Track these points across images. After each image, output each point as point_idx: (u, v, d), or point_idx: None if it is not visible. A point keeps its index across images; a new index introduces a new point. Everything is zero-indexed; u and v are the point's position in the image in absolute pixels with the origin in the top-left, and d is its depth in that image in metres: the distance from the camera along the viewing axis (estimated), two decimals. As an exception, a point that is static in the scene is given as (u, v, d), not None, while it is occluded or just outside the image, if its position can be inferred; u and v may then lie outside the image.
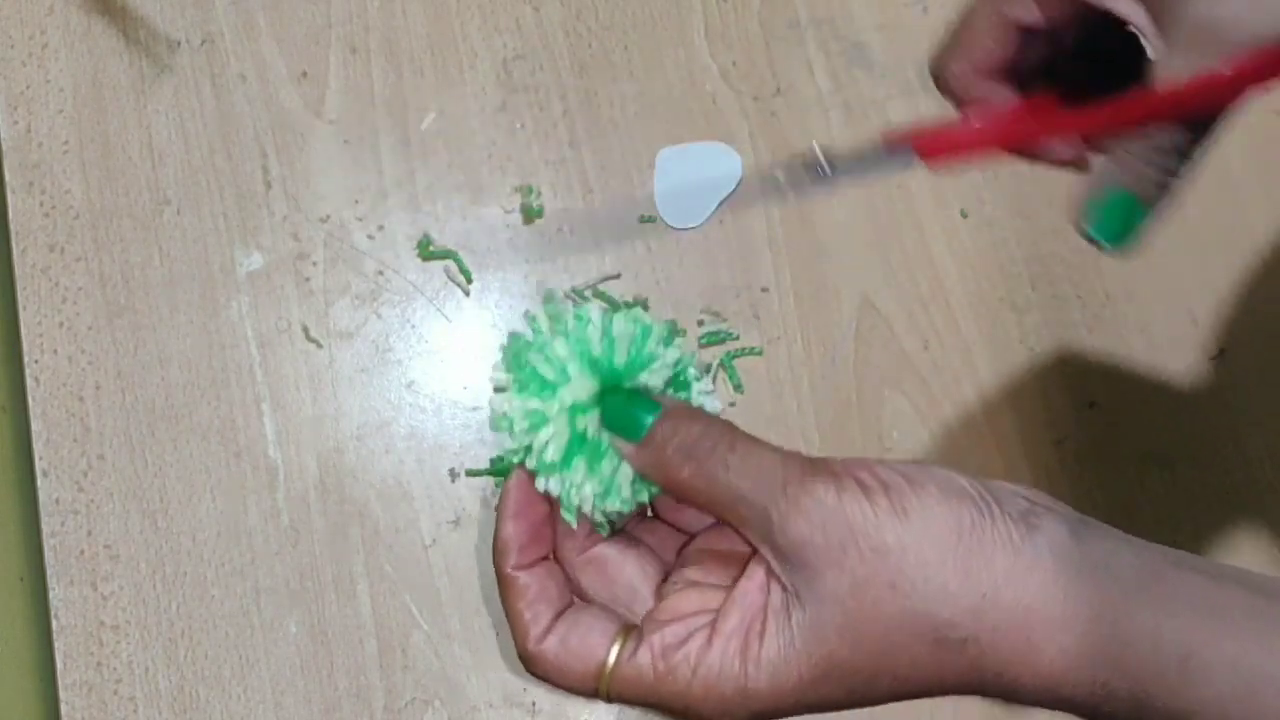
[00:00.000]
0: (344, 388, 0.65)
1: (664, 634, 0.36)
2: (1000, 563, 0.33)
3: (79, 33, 0.69)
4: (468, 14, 0.71)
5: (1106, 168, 0.38)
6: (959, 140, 0.40)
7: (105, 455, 0.63)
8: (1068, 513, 0.35)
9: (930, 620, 0.33)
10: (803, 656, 0.34)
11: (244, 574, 0.62)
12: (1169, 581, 0.33)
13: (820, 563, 0.34)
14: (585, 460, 0.37)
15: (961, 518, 0.34)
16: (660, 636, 0.36)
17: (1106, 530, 0.35)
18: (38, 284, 0.65)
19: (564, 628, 0.37)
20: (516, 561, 0.38)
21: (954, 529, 0.33)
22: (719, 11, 0.72)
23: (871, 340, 0.68)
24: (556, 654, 0.37)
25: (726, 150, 0.70)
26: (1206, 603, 0.33)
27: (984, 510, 0.34)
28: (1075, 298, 0.69)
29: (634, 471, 0.37)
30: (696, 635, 0.36)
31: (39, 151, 0.67)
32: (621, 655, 0.36)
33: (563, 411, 0.37)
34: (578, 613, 0.38)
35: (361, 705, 0.61)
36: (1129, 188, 0.38)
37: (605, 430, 0.37)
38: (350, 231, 0.67)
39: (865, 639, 0.34)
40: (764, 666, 0.35)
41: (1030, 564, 0.33)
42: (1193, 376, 0.69)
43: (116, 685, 0.61)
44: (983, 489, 0.34)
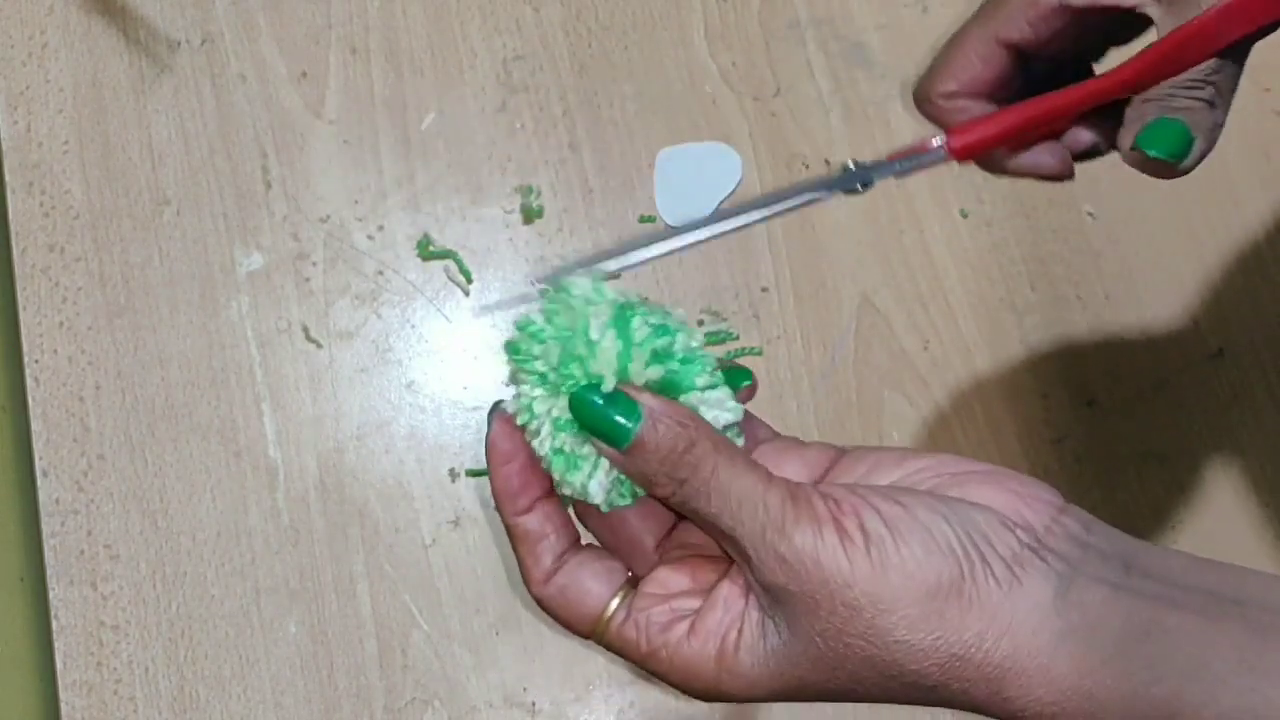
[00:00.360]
0: (344, 388, 0.65)
1: (650, 614, 0.37)
2: (974, 625, 0.33)
3: (79, 33, 0.69)
4: (468, 14, 0.71)
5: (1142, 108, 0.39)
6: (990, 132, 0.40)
7: (105, 455, 0.63)
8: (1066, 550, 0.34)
9: (900, 669, 0.34)
10: (775, 675, 0.35)
11: (244, 574, 0.62)
12: (1156, 639, 0.33)
13: (795, 607, 0.34)
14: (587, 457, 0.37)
15: (940, 576, 0.33)
16: (647, 617, 0.37)
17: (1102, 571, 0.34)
18: (38, 284, 0.65)
19: (563, 578, 0.38)
20: (514, 508, 0.38)
21: (931, 589, 0.33)
22: (719, 11, 0.72)
23: (871, 340, 0.68)
24: (556, 601, 0.38)
25: (726, 150, 0.70)
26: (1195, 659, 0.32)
27: (965, 570, 0.33)
28: (1075, 298, 0.69)
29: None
30: (679, 625, 0.36)
31: (39, 151, 0.67)
32: (614, 619, 0.37)
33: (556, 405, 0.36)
34: (578, 564, 0.38)
35: (361, 705, 0.61)
36: (1170, 116, 0.39)
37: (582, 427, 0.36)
38: (350, 231, 0.67)
39: (837, 673, 0.35)
40: (737, 674, 0.36)
41: (1005, 628, 0.33)
42: (1193, 376, 0.69)
43: (116, 685, 0.61)
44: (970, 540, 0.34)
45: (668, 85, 0.70)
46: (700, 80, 0.71)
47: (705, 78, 0.71)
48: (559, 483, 0.37)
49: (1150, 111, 0.39)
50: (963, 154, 0.41)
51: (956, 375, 0.68)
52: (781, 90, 0.71)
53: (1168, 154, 0.39)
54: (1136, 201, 0.71)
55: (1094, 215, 0.70)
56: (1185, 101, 0.39)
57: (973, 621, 0.33)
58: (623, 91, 0.70)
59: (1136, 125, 0.39)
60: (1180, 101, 0.39)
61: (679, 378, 0.38)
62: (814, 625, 0.34)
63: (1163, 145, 0.39)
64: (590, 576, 0.38)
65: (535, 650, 0.63)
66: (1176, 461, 0.68)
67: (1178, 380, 0.69)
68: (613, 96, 0.70)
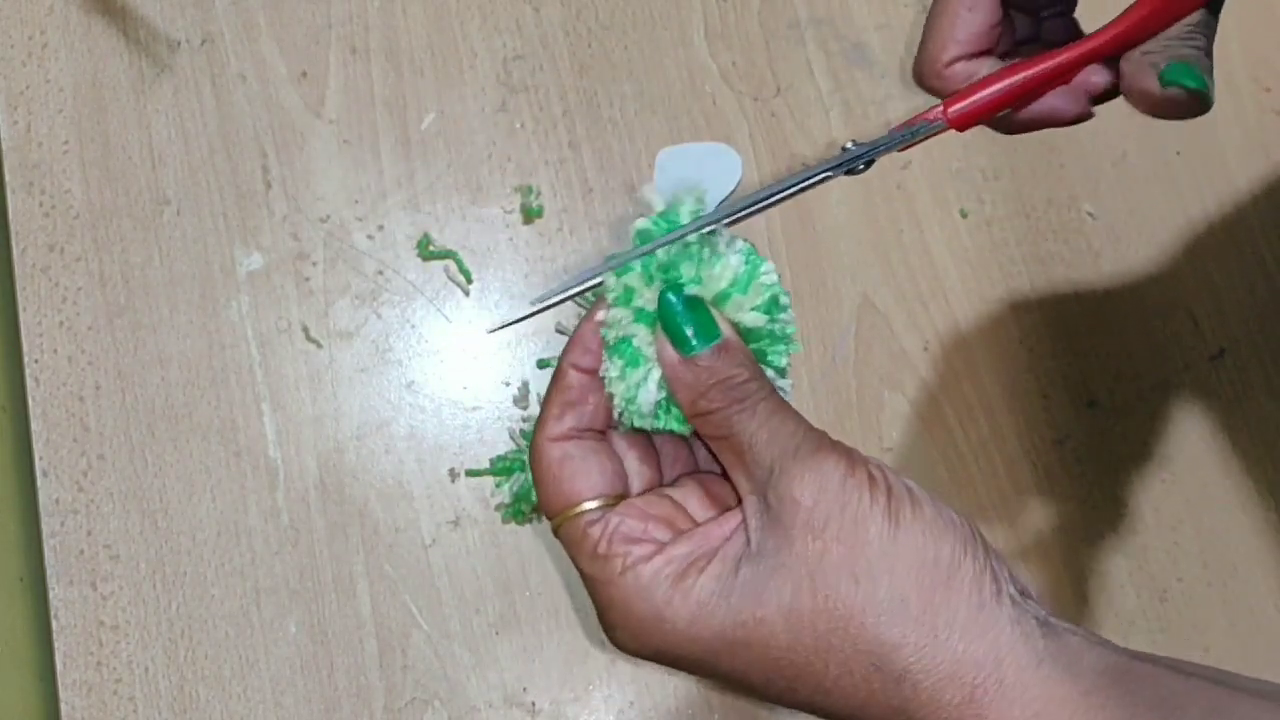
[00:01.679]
0: (344, 388, 0.65)
1: (623, 523, 0.36)
2: (963, 611, 0.33)
3: (79, 33, 0.69)
4: (468, 14, 0.71)
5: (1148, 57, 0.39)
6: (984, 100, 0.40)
7: (105, 455, 0.63)
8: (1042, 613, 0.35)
9: (876, 636, 0.33)
10: (732, 612, 0.34)
11: (244, 574, 0.62)
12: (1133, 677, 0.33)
13: (798, 528, 0.34)
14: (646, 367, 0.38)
15: (943, 549, 0.33)
16: (619, 522, 0.36)
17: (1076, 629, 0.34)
18: (38, 284, 0.65)
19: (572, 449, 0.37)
20: (576, 358, 0.38)
21: (933, 558, 0.33)
22: (719, 11, 0.72)
23: (871, 340, 0.68)
24: (551, 469, 0.37)
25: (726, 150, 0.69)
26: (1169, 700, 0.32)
27: (969, 552, 0.33)
28: (1075, 297, 0.69)
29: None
30: (645, 544, 0.36)
31: (39, 151, 0.67)
32: (585, 515, 0.37)
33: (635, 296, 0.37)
34: (590, 449, 0.38)
35: (361, 705, 0.61)
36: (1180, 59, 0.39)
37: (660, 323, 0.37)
38: (350, 231, 0.67)
39: (804, 625, 0.33)
40: (689, 601, 0.34)
41: (989, 623, 0.33)
42: (1193, 376, 0.69)
43: (116, 685, 0.61)
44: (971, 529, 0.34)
45: (668, 85, 0.70)
46: (700, 80, 0.71)
47: (705, 77, 0.71)
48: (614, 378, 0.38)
49: (1158, 60, 0.39)
50: (961, 122, 0.40)
51: (956, 375, 0.68)
52: (781, 90, 0.71)
53: (1200, 85, 0.38)
54: (1136, 201, 0.71)
55: (1094, 215, 0.70)
56: (1186, 50, 0.39)
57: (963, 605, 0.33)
58: (623, 91, 0.70)
59: (1149, 73, 0.39)
60: (1182, 50, 0.39)
61: (764, 345, 0.39)
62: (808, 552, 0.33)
63: (1191, 77, 0.38)
64: (594, 467, 0.37)
65: (535, 650, 0.63)
66: (1176, 461, 0.68)
67: (1178, 380, 0.69)
68: (613, 96, 0.70)
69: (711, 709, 0.62)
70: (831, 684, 0.33)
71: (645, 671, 0.62)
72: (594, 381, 0.38)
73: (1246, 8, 0.74)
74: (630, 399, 0.38)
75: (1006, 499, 0.67)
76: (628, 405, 0.38)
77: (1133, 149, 0.71)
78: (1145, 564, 0.66)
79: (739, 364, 0.36)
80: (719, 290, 0.38)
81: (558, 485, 0.37)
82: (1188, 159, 0.72)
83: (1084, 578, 0.66)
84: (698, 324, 0.37)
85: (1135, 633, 0.66)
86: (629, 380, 0.38)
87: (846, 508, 0.33)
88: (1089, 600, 0.66)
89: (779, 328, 0.39)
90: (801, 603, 0.33)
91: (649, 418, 0.38)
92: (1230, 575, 0.67)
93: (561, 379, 0.38)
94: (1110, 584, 0.66)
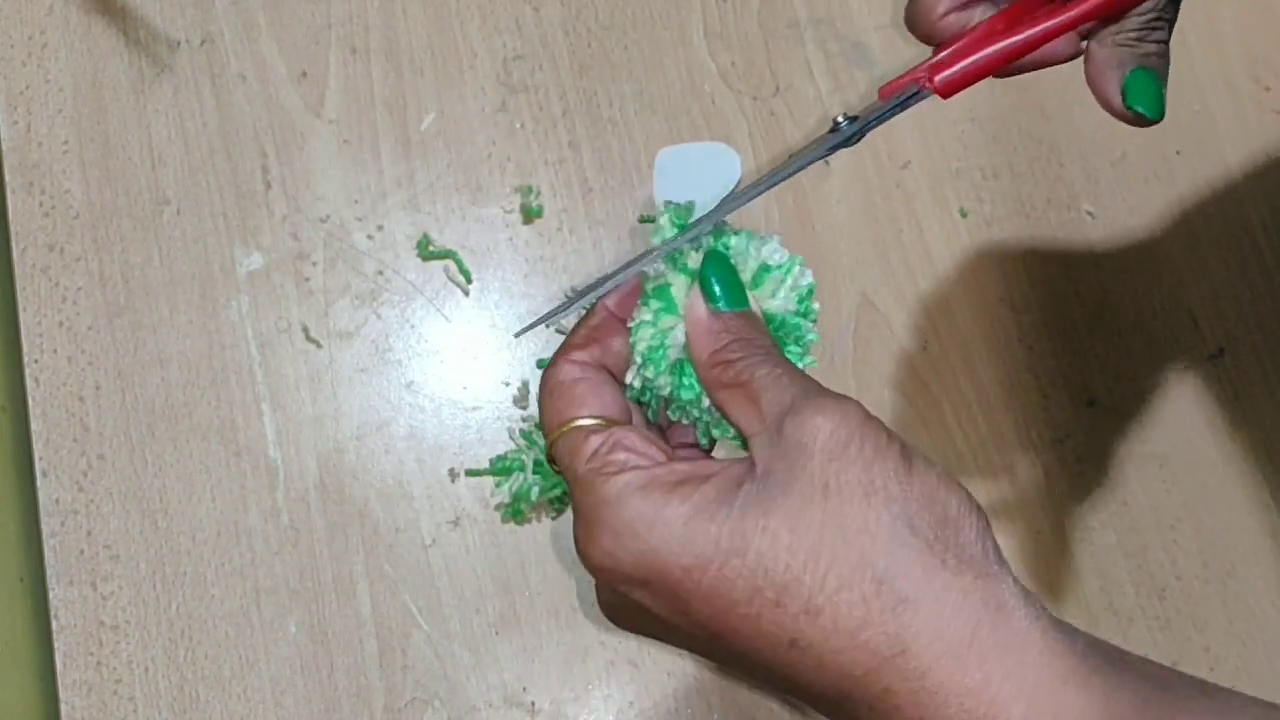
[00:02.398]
0: (344, 388, 0.65)
1: (626, 435, 0.36)
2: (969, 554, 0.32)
3: (79, 33, 0.69)
4: (468, 14, 0.71)
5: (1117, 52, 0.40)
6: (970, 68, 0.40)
7: (105, 455, 0.63)
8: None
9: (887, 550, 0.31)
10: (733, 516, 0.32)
11: (244, 574, 0.62)
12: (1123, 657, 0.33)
13: (817, 447, 0.33)
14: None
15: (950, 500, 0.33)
16: (622, 435, 0.36)
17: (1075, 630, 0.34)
18: (38, 284, 0.65)
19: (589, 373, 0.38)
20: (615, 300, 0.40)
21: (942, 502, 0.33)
22: (719, 11, 0.72)
23: (871, 340, 0.68)
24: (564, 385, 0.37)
25: (726, 150, 0.70)
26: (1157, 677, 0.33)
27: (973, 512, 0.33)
28: (1075, 297, 0.69)
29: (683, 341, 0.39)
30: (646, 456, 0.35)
31: (39, 151, 0.67)
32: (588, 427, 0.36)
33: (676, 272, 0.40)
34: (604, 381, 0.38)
35: (361, 705, 0.61)
36: (1144, 65, 0.40)
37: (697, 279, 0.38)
38: (350, 231, 0.67)
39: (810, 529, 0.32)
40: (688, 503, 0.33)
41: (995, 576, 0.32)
42: (1193, 376, 0.69)
43: (116, 685, 0.61)
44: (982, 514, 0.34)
45: (667, 85, 0.70)
46: (700, 80, 0.71)
47: (705, 77, 0.71)
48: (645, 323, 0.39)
49: (1126, 59, 0.40)
50: (947, 90, 0.41)
51: (956, 375, 0.68)
52: (781, 90, 0.71)
53: (1156, 114, 0.40)
54: (1136, 201, 0.71)
55: (1094, 215, 0.70)
56: (1151, 46, 0.40)
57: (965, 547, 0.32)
58: (622, 91, 0.70)
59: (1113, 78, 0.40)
60: (1148, 46, 0.40)
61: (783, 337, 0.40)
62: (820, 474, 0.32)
63: (1149, 103, 0.40)
64: (606, 393, 0.38)
65: (535, 650, 0.63)
66: (1176, 461, 0.68)
67: (1178, 380, 0.69)
68: (613, 96, 0.70)
69: (711, 709, 0.62)
70: (825, 601, 0.32)
71: (645, 671, 0.62)
72: (622, 328, 0.40)
73: (1246, 8, 0.74)
74: (655, 346, 0.38)
75: (1006, 498, 0.67)
76: (650, 355, 0.38)
77: (1133, 149, 0.71)
78: (1144, 562, 0.66)
79: (760, 330, 0.38)
80: (757, 267, 0.40)
81: (569, 398, 0.37)
82: (1187, 158, 0.72)
83: (1083, 576, 0.66)
84: (731, 287, 0.38)
85: (1134, 630, 0.66)
86: (660, 325, 0.39)
87: (866, 440, 0.33)
88: (1088, 598, 0.66)
89: (801, 329, 0.40)
90: (811, 512, 0.32)
91: (664, 374, 0.39)
92: (1229, 574, 0.67)
93: (593, 315, 0.40)
94: (1109, 582, 0.66)
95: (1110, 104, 0.40)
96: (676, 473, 0.34)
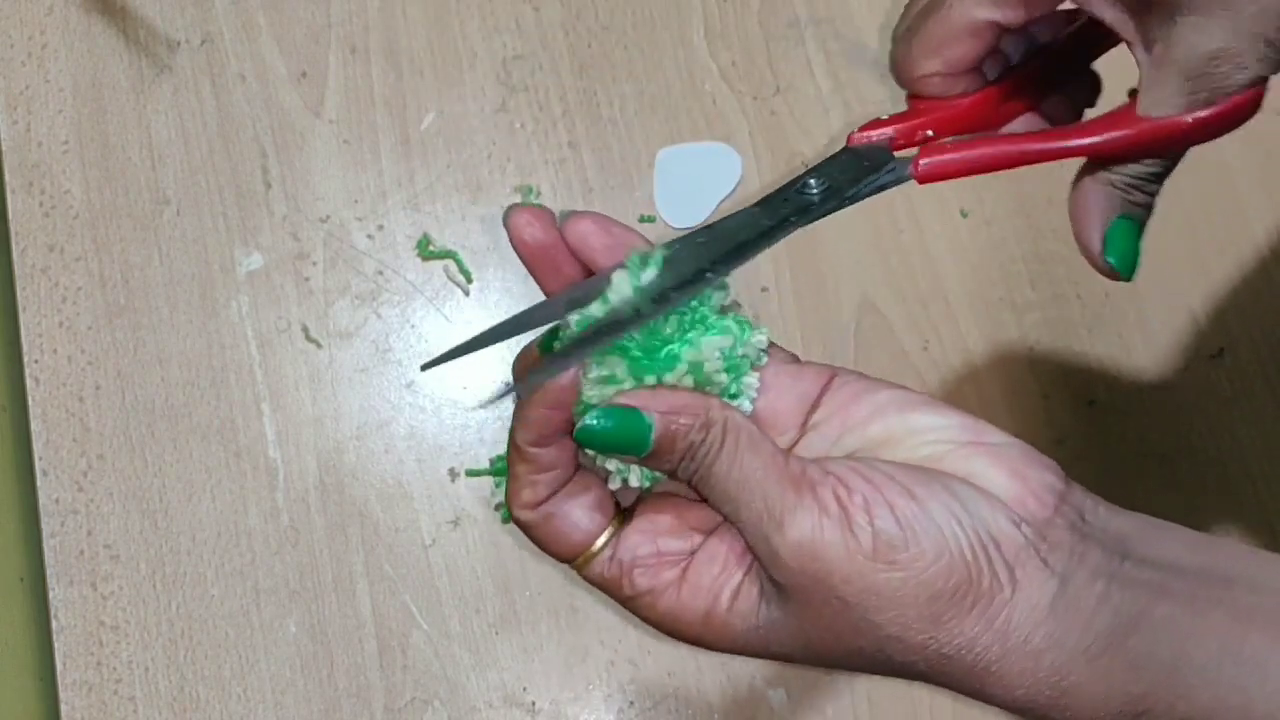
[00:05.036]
0: (344, 388, 0.65)
1: (637, 554, 0.36)
2: (969, 630, 0.33)
3: (79, 33, 0.69)
4: (468, 14, 0.71)
5: (1109, 193, 0.39)
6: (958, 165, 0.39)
7: (105, 455, 0.63)
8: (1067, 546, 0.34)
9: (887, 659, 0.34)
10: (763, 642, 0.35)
11: (244, 574, 0.62)
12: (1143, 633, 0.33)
13: (790, 595, 0.34)
14: None
15: (947, 581, 0.33)
16: (633, 557, 0.36)
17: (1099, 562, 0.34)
18: (38, 284, 0.65)
19: (552, 506, 0.37)
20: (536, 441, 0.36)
21: (935, 594, 0.33)
22: (719, 11, 0.72)
23: (871, 340, 0.68)
24: (540, 529, 0.37)
25: (726, 150, 0.70)
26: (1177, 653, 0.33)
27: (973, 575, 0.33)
28: (1075, 298, 0.69)
29: None
30: (666, 571, 0.36)
31: (39, 151, 0.67)
32: (599, 556, 0.37)
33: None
34: (567, 495, 0.37)
35: (361, 705, 0.61)
36: (1130, 215, 0.38)
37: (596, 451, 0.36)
38: (350, 231, 0.67)
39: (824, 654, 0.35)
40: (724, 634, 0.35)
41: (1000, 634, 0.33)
42: (1193, 376, 0.69)
43: (116, 685, 0.61)
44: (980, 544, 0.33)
45: (667, 85, 0.70)
46: (700, 80, 0.71)
47: (705, 77, 0.71)
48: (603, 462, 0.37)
49: (1115, 204, 0.38)
50: (926, 180, 0.40)
51: (956, 375, 0.68)
52: (781, 90, 0.71)
53: (1129, 274, 0.39)
54: (1136, 201, 0.71)
55: (1094, 215, 0.70)
56: (1143, 197, 0.38)
57: (968, 626, 0.33)
58: (622, 91, 0.70)
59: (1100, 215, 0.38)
60: (1140, 196, 0.38)
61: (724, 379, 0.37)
62: (806, 614, 0.34)
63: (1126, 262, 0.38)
64: (579, 508, 0.37)
65: (535, 650, 0.63)
66: (1176, 461, 0.68)
67: (1178, 380, 0.69)
68: (613, 96, 0.70)
69: (711, 709, 0.62)
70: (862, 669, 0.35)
71: (645, 672, 0.62)
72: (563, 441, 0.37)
73: (1246, 7, 0.74)
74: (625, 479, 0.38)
75: (1006, 499, 0.67)
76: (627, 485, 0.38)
77: (1133, 149, 0.71)
78: (1145, 564, 0.66)
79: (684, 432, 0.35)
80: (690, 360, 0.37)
81: (558, 541, 0.37)
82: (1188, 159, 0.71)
83: (1084, 577, 0.66)
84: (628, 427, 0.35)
85: (1135, 632, 0.66)
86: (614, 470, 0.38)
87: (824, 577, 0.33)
88: (1089, 600, 0.66)
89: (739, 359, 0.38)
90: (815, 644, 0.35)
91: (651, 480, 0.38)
92: (1230, 575, 0.67)
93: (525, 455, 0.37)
94: (1110, 584, 0.66)
95: (1089, 246, 0.39)
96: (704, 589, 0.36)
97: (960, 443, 0.36)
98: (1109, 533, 0.35)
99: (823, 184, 0.40)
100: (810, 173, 0.40)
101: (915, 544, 0.33)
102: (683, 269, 0.37)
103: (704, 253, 0.38)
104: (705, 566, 0.36)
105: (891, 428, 0.37)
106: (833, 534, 0.33)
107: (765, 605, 0.35)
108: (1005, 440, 0.37)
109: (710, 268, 0.37)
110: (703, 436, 0.35)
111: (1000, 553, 0.34)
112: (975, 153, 0.39)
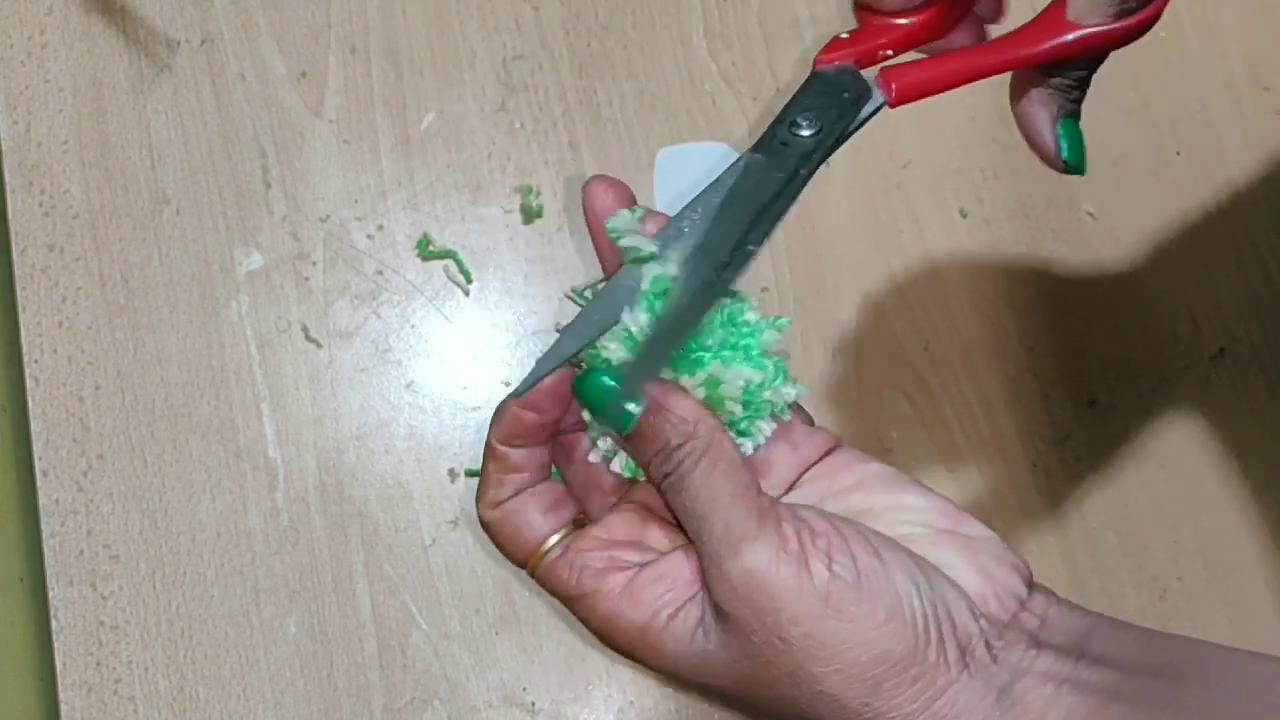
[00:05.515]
0: (344, 388, 0.65)
1: (587, 557, 0.37)
2: (909, 704, 0.32)
3: (79, 33, 0.69)
4: (468, 14, 0.71)
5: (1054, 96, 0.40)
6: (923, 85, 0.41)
7: (105, 455, 0.63)
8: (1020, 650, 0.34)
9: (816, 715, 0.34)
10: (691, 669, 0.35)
11: (244, 574, 0.62)
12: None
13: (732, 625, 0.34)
14: None
15: (895, 647, 0.32)
16: (583, 559, 0.37)
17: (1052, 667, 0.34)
18: (37, 284, 0.65)
19: (512, 505, 0.38)
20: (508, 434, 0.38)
21: (880, 656, 0.32)
22: (719, 11, 0.72)
23: (871, 340, 0.68)
24: (497, 527, 0.38)
25: (726, 150, 0.70)
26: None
27: (920, 646, 0.33)
28: (1075, 297, 0.69)
29: None
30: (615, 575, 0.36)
31: (38, 151, 0.67)
32: (549, 554, 0.37)
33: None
34: (530, 496, 0.38)
35: (361, 705, 0.61)
36: (1072, 115, 0.40)
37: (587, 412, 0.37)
38: (350, 231, 0.67)
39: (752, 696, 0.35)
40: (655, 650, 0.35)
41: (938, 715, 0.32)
42: (1193, 376, 0.69)
43: (116, 685, 0.61)
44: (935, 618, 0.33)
45: (667, 85, 0.70)
46: (700, 80, 0.71)
47: (705, 77, 0.71)
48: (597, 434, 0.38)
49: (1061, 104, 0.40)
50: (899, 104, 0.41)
51: (956, 375, 0.68)
52: (781, 90, 0.71)
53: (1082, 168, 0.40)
54: (1136, 201, 0.71)
55: (1094, 215, 0.70)
56: (1079, 95, 0.40)
57: (907, 700, 0.32)
58: (622, 91, 0.70)
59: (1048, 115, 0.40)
60: (1077, 95, 0.40)
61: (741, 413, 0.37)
62: (746, 650, 0.33)
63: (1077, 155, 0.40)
64: (536, 510, 0.38)
65: (535, 650, 0.63)
66: (1176, 461, 0.68)
67: (1178, 380, 0.69)
68: (612, 96, 0.70)
69: (711, 709, 0.62)
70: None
71: (645, 671, 0.62)
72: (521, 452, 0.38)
73: (1246, 8, 0.74)
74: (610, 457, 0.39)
75: (1006, 499, 0.67)
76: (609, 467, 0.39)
77: (1132, 149, 0.71)
78: (1145, 563, 0.66)
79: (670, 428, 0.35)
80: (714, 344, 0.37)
81: (513, 540, 0.38)
82: (1188, 159, 0.71)
83: (1084, 576, 0.66)
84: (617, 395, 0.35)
85: (1135, 632, 0.66)
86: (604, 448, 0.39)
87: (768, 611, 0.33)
88: (1089, 599, 0.66)
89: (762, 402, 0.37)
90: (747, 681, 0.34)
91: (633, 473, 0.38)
92: (1230, 574, 0.67)
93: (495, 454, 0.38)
94: (1110, 583, 0.66)
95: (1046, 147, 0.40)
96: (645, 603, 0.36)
97: (937, 529, 0.36)
98: (1066, 636, 0.35)
99: (812, 123, 0.40)
100: (794, 107, 0.40)
101: (870, 599, 0.33)
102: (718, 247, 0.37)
103: (732, 221, 0.38)
104: (652, 582, 0.36)
105: (874, 500, 0.37)
106: (787, 570, 0.33)
107: (702, 632, 0.34)
108: (981, 534, 0.37)
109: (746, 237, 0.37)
110: (681, 442, 0.35)
111: (954, 632, 0.33)
112: (938, 71, 0.41)
